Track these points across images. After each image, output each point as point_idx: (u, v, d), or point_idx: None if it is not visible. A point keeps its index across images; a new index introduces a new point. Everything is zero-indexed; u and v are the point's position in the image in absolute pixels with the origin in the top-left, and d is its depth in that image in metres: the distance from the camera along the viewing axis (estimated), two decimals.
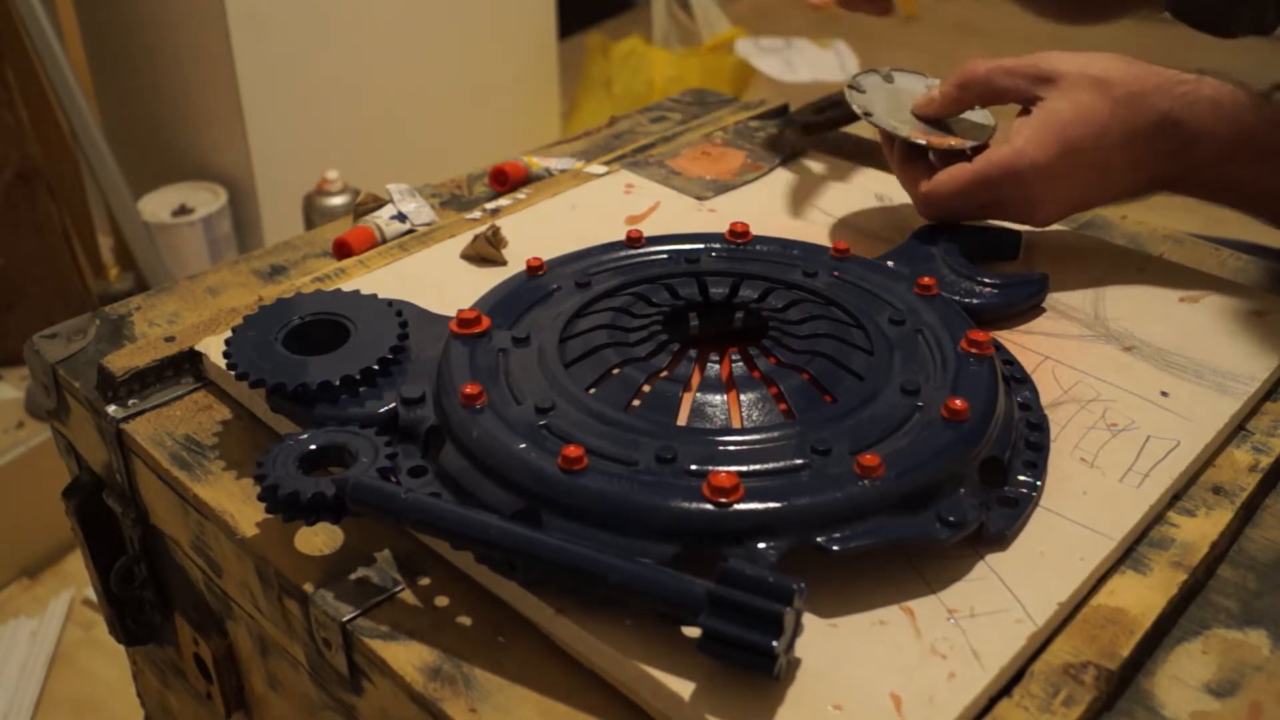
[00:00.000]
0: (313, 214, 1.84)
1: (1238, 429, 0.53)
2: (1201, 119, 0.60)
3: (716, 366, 0.52)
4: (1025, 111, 0.62)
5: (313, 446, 0.46)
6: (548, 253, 0.60)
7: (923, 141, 0.65)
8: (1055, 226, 0.70)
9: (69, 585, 1.52)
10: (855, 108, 0.69)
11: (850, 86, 0.70)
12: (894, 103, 0.68)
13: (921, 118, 0.67)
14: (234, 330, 0.52)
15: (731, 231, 0.61)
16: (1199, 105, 0.60)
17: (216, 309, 0.64)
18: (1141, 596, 0.43)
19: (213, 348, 0.57)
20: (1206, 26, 0.82)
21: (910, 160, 0.66)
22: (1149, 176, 0.62)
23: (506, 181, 0.76)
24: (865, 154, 0.81)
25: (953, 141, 0.65)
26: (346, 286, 0.62)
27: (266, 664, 0.53)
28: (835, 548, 0.41)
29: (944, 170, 0.63)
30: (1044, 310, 0.61)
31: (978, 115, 0.68)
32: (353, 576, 0.45)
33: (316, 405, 0.49)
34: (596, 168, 0.78)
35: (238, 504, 0.50)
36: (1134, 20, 0.88)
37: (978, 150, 0.64)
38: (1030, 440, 0.49)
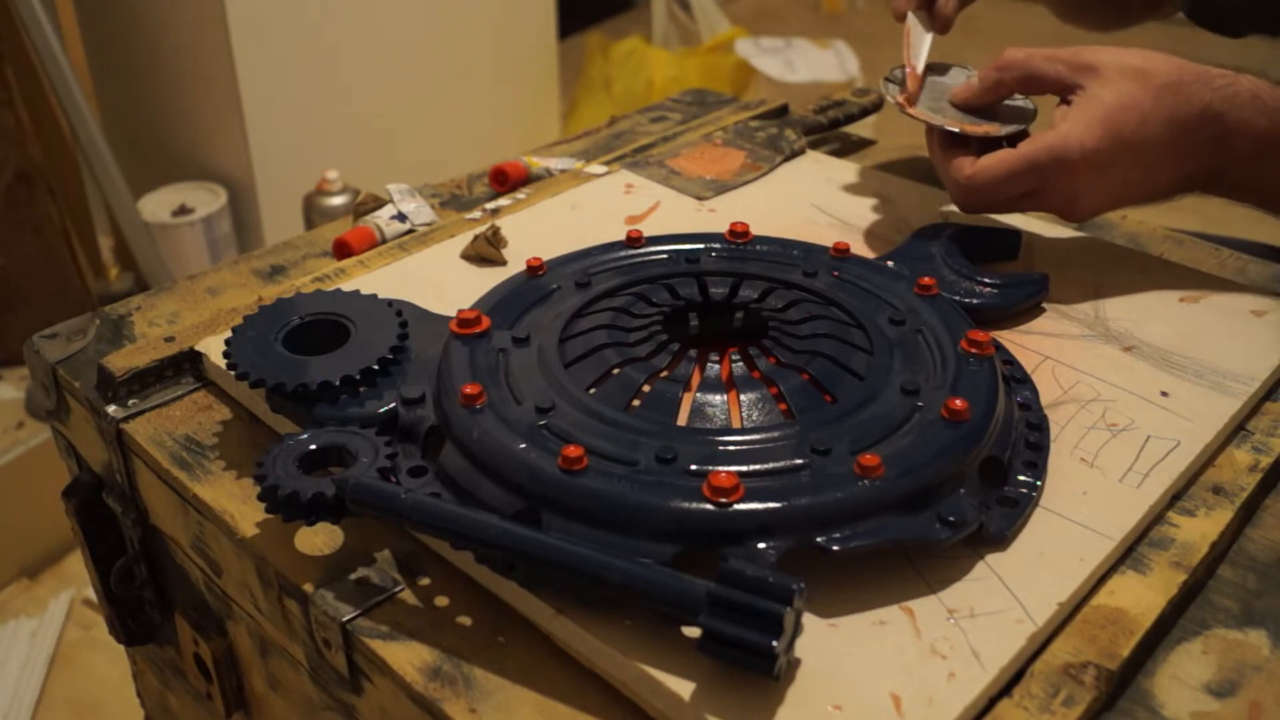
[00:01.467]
0: (313, 214, 1.84)
1: (1238, 429, 0.53)
2: (1241, 111, 0.59)
3: (716, 366, 0.52)
4: (1064, 103, 0.61)
5: (313, 446, 0.46)
6: (548, 253, 0.60)
7: (956, 129, 0.64)
8: (1055, 228, 0.70)
9: (69, 585, 1.52)
10: (889, 98, 0.68)
11: (887, 79, 0.69)
12: (935, 94, 0.68)
13: (961, 106, 0.66)
14: (234, 330, 0.52)
15: (731, 231, 0.61)
16: (1239, 98, 0.59)
17: (216, 309, 0.64)
18: (1141, 596, 0.43)
19: (213, 348, 0.57)
20: (1218, 27, 0.82)
21: (950, 150, 0.64)
22: (1186, 173, 0.61)
23: (506, 181, 0.76)
24: (865, 154, 0.81)
25: (990, 128, 0.64)
26: (346, 286, 0.62)
27: (266, 664, 0.53)
28: (835, 548, 0.41)
29: (989, 155, 0.61)
30: (1044, 310, 0.61)
31: (1018, 102, 0.67)
32: (353, 576, 0.45)
33: (316, 405, 0.49)
34: (596, 168, 0.77)
35: (238, 504, 0.50)
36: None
37: (1018, 137, 0.63)
38: (1030, 440, 0.49)
